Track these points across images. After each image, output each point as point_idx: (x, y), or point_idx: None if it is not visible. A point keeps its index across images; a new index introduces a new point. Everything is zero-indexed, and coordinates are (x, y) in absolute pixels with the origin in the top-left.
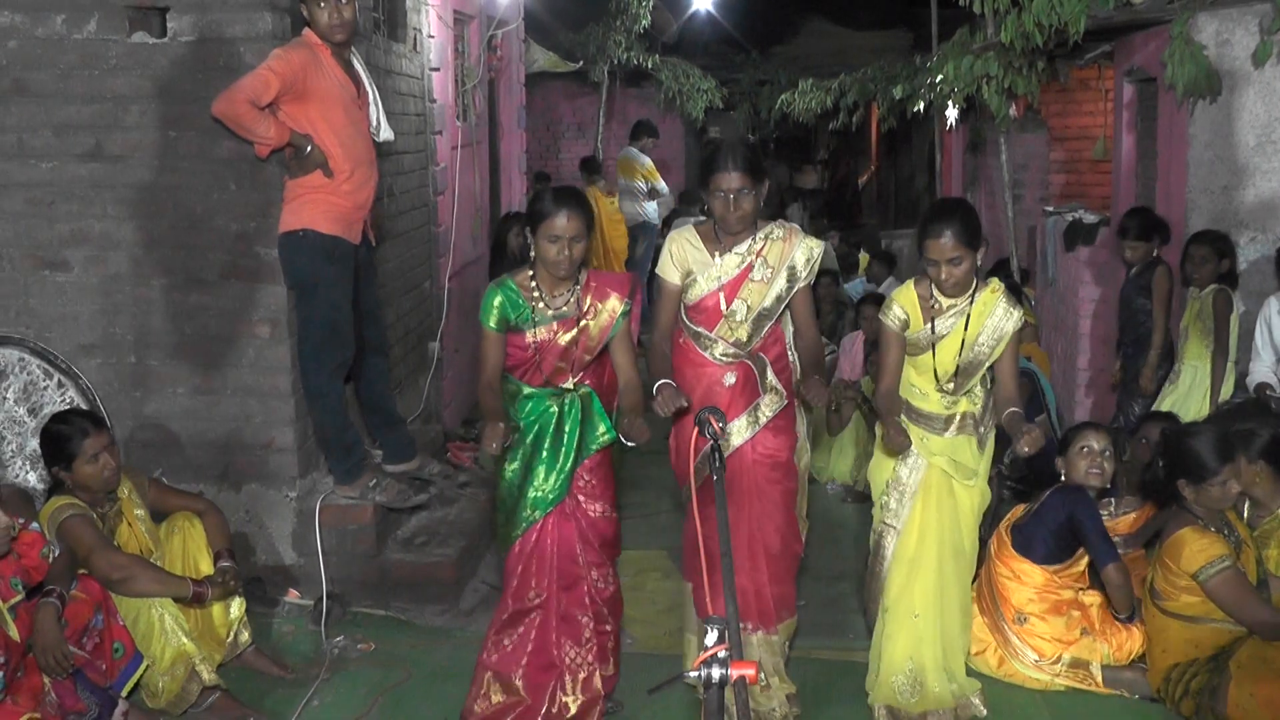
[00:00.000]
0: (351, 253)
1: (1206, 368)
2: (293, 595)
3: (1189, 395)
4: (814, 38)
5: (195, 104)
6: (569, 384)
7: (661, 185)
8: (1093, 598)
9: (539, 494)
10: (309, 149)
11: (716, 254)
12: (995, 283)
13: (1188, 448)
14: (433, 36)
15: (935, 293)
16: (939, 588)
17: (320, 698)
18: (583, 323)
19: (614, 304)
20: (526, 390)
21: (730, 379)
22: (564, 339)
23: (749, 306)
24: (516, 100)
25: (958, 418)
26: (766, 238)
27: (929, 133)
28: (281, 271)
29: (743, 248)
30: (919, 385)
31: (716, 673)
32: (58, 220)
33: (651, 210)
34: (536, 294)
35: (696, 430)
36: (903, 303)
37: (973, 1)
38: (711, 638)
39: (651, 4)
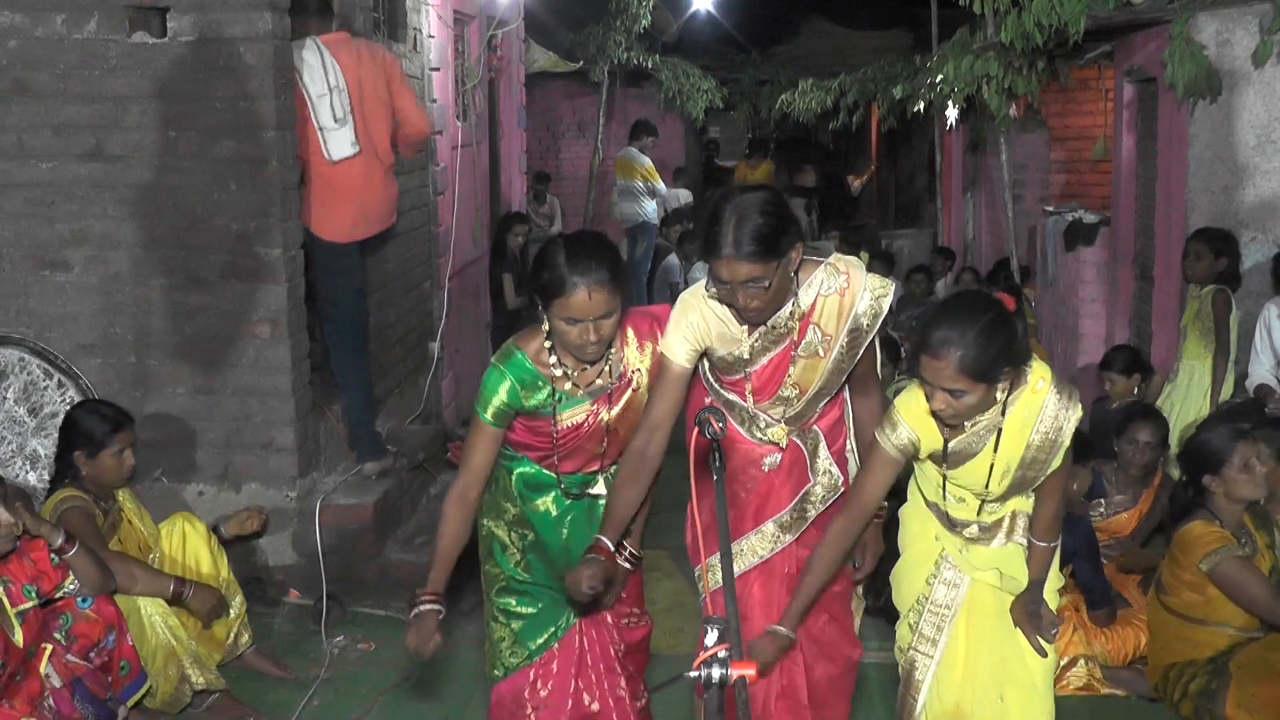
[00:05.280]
0: None
1: (1204, 366)
2: (293, 595)
3: (1188, 394)
4: (814, 38)
5: (195, 104)
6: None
7: (661, 185)
8: (1076, 598)
9: (564, 602)
10: None
11: (748, 326)
12: (1040, 372)
13: (1201, 441)
14: (433, 36)
15: None
16: None
17: (320, 698)
18: (629, 392)
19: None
20: (552, 479)
21: (772, 461)
22: (608, 416)
23: (799, 390)
24: (516, 100)
25: (1006, 520)
26: (817, 294)
27: (929, 133)
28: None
29: (784, 314)
30: (950, 490)
31: (716, 673)
32: (58, 220)
33: (650, 210)
34: (559, 371)
35: (696, 430)
36: (912, 420)
37: (973, 1)
38: (711, 638)
39: (651, 4)
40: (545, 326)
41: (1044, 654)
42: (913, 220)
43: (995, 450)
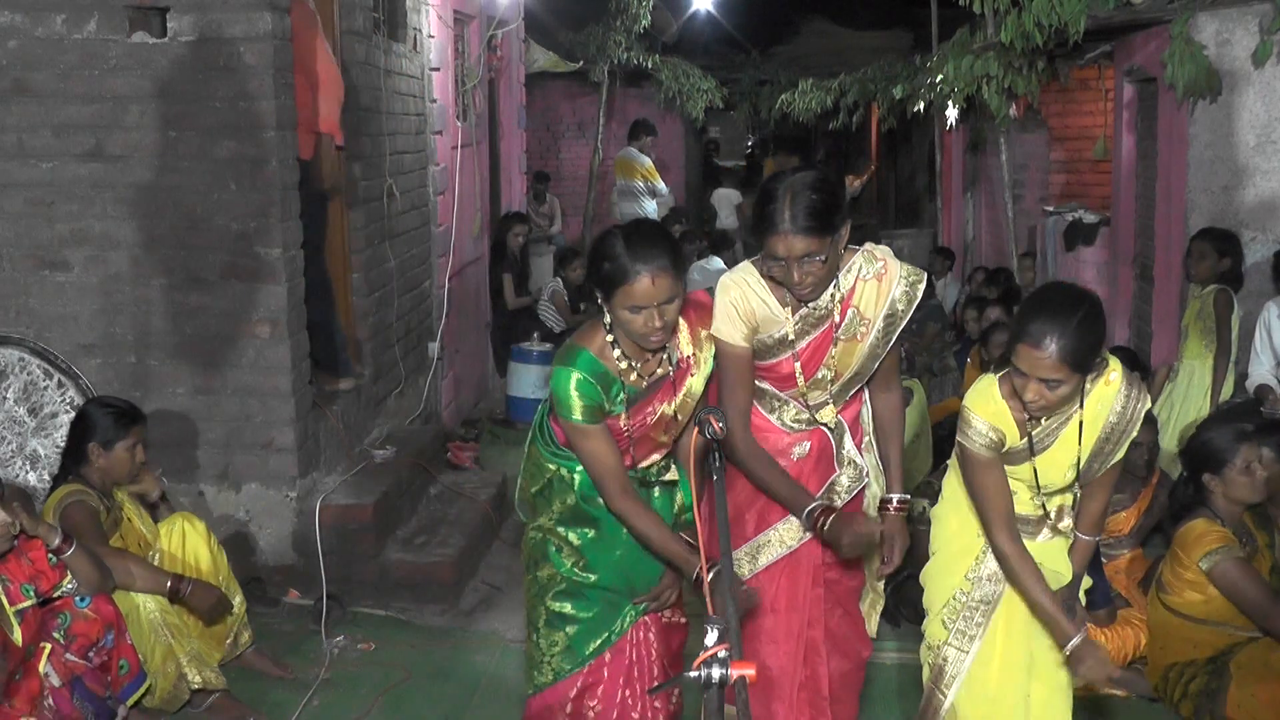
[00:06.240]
0: None
1: (1205, 366)
2: (293, 595)
3: (1188, 394)
4: (814, 38)
5: (195, 104)
6: (659, 459)
7: (661, 185)
8: None
9: (619, 606)
10: None
11: (789, 308)
12: (1113, 365)
13: (1204, 439)
14: (433, 36)
15: None
16: None
17: (320, 698)
18: (689, 380)
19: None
20: None
21: (801, 450)
22: (669, 408)
23: (835, 373)
24: (516, 100)
25: (1053, 513)
26: (857, 278)
27: (929, 133)
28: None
29: (824, 299)
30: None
31: (716, 673)
32: (58, 220)
33: (650, 210)
34: (625, 363)
35: (696, 430)
36: (990, 417)
37: (973, 1)
38: (711, 638)
39: (651, 4)
40: (606, 321)
41: None
42: (913, 220)
43: (1079, 442)
